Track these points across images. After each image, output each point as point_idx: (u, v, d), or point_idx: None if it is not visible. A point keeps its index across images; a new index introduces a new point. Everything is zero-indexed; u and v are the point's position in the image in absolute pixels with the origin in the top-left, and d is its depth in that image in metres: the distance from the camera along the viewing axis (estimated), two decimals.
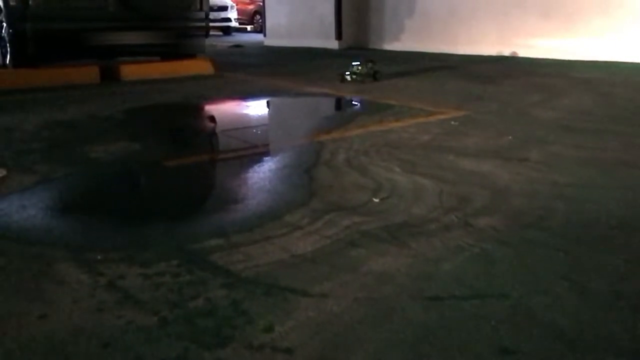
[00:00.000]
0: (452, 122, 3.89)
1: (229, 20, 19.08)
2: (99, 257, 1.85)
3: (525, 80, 6.05)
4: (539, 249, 1.86)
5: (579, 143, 3.24)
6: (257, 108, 5.16)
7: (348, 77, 6.12)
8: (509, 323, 1.43)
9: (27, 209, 2.34)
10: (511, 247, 1.88)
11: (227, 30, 19.08)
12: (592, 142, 3.26)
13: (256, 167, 2.99)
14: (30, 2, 5.96)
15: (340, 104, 5.30)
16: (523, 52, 8.46)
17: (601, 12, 7.56)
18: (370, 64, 6.24)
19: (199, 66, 7.25)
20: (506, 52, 8.67)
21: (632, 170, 2.72)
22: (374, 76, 6.15)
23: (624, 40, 7.32)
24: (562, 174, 2.68)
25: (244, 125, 4.09)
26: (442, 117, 4.11)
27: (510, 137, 3.41)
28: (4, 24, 6.51)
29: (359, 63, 6.21)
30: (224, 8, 18.80)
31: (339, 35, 11.44)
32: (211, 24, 8.07)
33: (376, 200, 2.35)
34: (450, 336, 1.38)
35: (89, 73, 6.45)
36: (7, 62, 6.61)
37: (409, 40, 10.46)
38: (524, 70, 6.87)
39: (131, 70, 6.69)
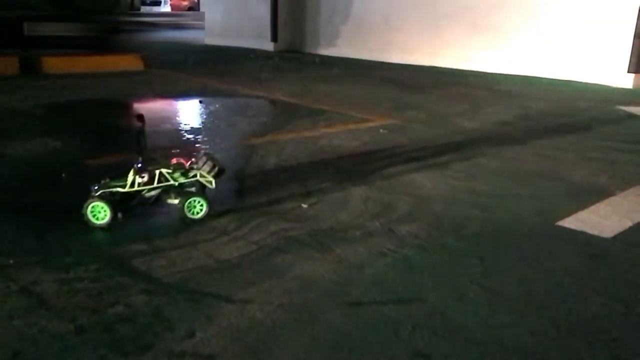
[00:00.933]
0: (381, 130, 3.99)
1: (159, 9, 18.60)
2: (11, 262, 1.76)
3: (452, 91, 6.30)
4: (456, 255, 1.96)
5: (496, 153, 3.42)
6: (186, 108, 5.06)
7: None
8: (425, 327, 1.49)
9: None
10: (430, 253, 1.96)
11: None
12: (509, 153, 3.45)
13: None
14: None
15: (274, 106, 5.31)
16: (451, 64, 8.81)
17: (525, 28, 8.00)
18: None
19: (128, 62, 7.02)
20: (436, 63, 8.99)
21: (543, 180, 2.90)
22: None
23: (543, 57, 7.79)
24: (480, 182, 2.82)
25: (173, 126, 4.01)
26: (371, 124, 4.21)
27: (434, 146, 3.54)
28: None
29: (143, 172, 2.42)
30: (157, 3, 18.34)
31: (274, 38, 11.43)
32: (143, 19, 7.84)
33: (305, 206, 2.38)
34: (368, 340, 1.42)
35: (6, 64, 6.09)
36: None
37: (345, 46, 10.61)
38: (451, 81, 7.15)
39: (54, 63, 6.38)
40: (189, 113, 4.87)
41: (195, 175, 2.23)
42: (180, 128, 3.94)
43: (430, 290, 1.69)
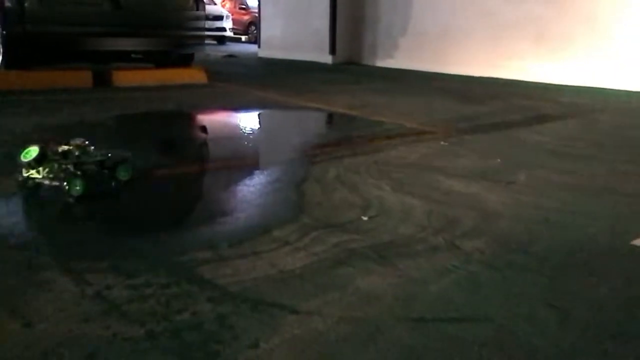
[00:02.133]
0: (442, 142, 3.93)
1: (223, 30, 19.16)
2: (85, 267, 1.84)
3: (514, 103, 6.13)
4: (523, 273, 1.89)
5: (565, 168, 3.29)
6: (249, 120, 5.18)
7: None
8: (492, 347, 1.45)
9: (14, 214, 2.33)
10: (496, 271, 1.90)
11: (222, 40, 19.14)
12: (577, 167, 3.31)
13: (246, 180, 3.00)
14: (25, 5, 5.96)
15: (331, 119, 5.34)
16: (513, 75, 8.59)
17: (589, 38, 7.71)
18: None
19: (193, 75, 7.27)
20: (497, 74, 8.79)
21: (616, 196, 2.77)
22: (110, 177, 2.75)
23: (610, 67, 7.47)
24: (548, 198, 2.72)
25: (236, 137, 4.11)
26: (431, 136, 4.16)
27: (498, 160, 3.46)
28: None
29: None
30: (219, 17, 18.89)
31: (332, 50, 11.53)
32: (206, 33, 8.11)
33: (365, 218, 2.37)
34: (434, 358, 1.39)
35: (81, 77, 6.44)
36: (0, 63, 6.59)
37: (402, 58, 10.57)
38: (512, 93, 6.98)
39: (124, 77, 6.69)
40: (249, 124, 4.97)
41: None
42: (239, 138, 4.03)
43: (497, 309, 1.64)
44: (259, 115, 5.31)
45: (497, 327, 1.55)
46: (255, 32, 16.78)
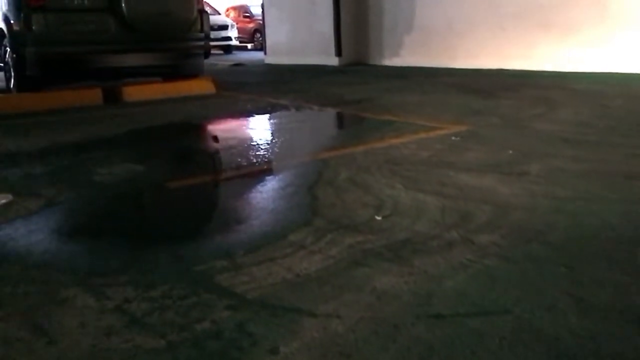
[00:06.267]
0: (453, 138, 3.92)
1: (229, 39, 19.29)
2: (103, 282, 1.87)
3: (524, 93, 6.09)
4: (540, 264, 1.88)
5: (579, 156, 3.26)
6: (258, 126, 5.20)
7: None
8: (512, 339, 1.44)
9: (33, 233, 2.37)
10: (513, 263, 1.89)
11: (228, 49, 19.27)
12: (592, 155, 3.28)
13: (259, 187, 3.02)
14: (33, 27, 6.05)
15: (341, 120, 5.35)
16: (520, 65, 8.52)
17: (597, 22, 7.63)
18: None
19: (201, 86, 7.33)
20: (504, 65, 8.73)
21: (633, 182, 2.74)
22: None
23: (619, 51, 7.38)
24: (563, 187, 2.70)
25: (246, 144, 4.13)
26: (442, 132, 4.14)
27: (510, 151, 3.43)
28: (8, 49, 6.61)
29: None
30: (224, 27, 19.02)
31: (338, 52, 11.54)
32: (212, 44, 8.16)
33: (379, 218, 2.37)
34: (454, 354, 1.39)
35: (92, 95, 6.53)
36: (12, 86, 6.70)
37: (408, 55, 10.54)
38: (522, 83, 6.92)
39: (133, 92, 6.76)
40: (258, 131, 5.00)
41: None
42: (251, 145, 4.04)
43: (516, 302, 1.63)
44: (268, 120, 5.33)
45: (516, 319, 1.54)
46: (260, 39, 16.86)
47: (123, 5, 6.38)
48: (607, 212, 2.33)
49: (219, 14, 20.49)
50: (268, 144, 4.15)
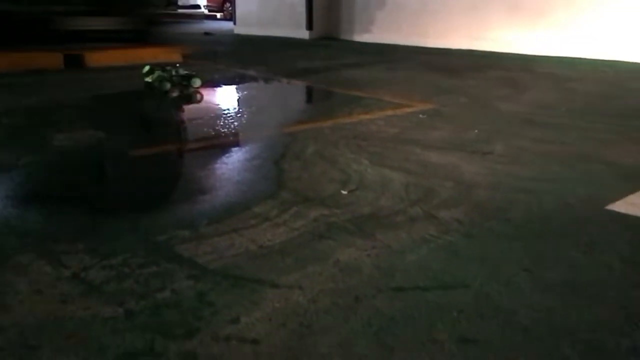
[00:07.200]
0: (420, 115, 3.94)
1: (198, 7, 18.80)
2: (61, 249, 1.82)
3: (492, 74, 6.15)
4: (500, 240, 1.92)
5: (541, 137, 3.33)
6: (225, 97, 5.11)
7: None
8: (470, 312, 1.47)
9: None
10: (474, 239, 1.93)
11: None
12: (553, 136, 3.35)
13: (225, 158, 2.97)
14: None
15: (310, 94, 5.30)
16: (490, 46, 8.60)
17: (565, 6, 7.73)
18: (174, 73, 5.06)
19: (167, 53, 7.12)
20: (474, 46, 8.79)
21: (590, 164, 2.81)
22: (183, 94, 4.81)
23: (586, 36, 7.52)
24: (524, 167, 2.75)
25: (213, 115, 4.06)
26: (410, 109, 4.16)
27: (476, 131, 3.48)
28: None
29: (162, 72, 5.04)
30: None
31: (309, 26, 11.41)
32: (180, 11, 7.93)
33: (344, 192, 2.38)
34: (413, 325, 1.41)
35: (52, 59, 6.28)
36: None
37: (380, 32, 10.50)
38: (490, 64, 6.99)
39: (96, 57, 6.54)
40: (225, 101, 4.91)
41: None
42: (218, 116, 3.98)
43: (475, 276, 1.66)
44: (236, 91, 5.25)
45: (475, 293, 1.57)
46: (230, 9, 16.49)
47: None
48: (566, 191, 2.39)
49: None
50: (235, 115, 4.09)
